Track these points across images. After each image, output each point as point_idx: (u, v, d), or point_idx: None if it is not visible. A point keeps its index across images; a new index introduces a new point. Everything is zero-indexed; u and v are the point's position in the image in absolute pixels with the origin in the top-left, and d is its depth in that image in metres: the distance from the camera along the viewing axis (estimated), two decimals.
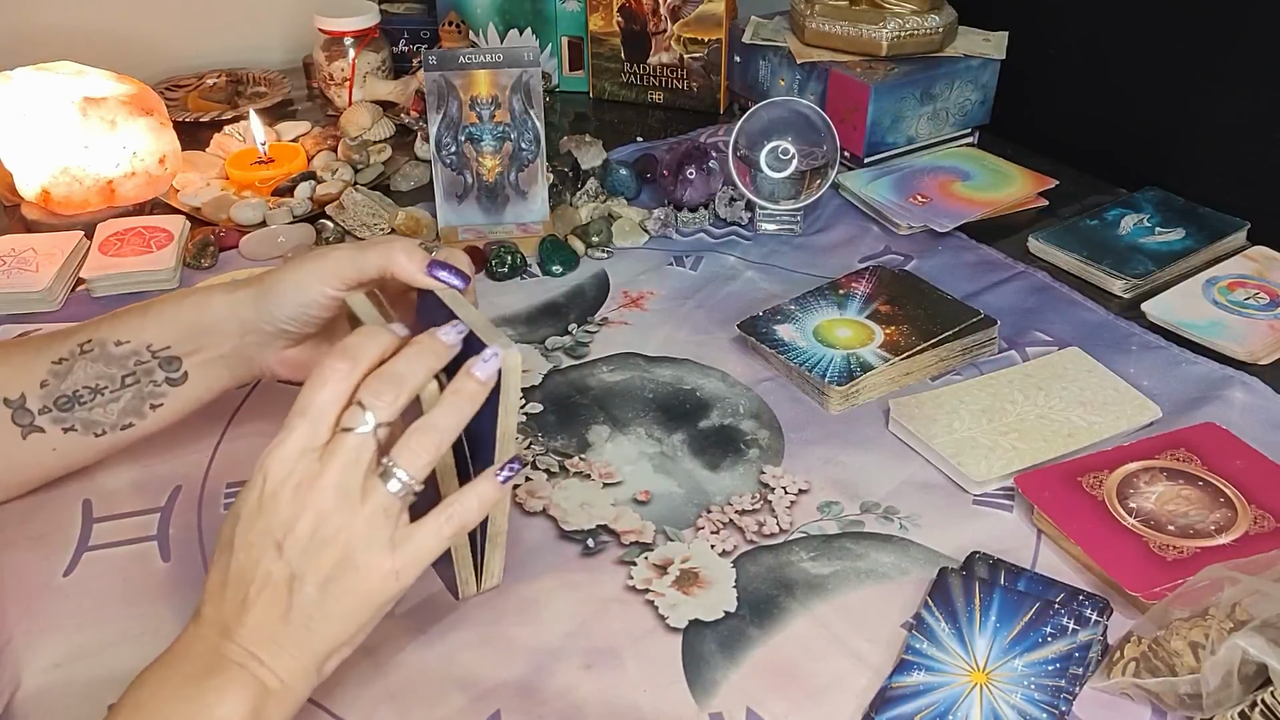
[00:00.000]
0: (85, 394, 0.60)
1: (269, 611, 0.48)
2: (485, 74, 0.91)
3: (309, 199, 0.99)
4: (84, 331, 0.61)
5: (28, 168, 0.95)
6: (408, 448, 0.49)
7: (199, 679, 0.47)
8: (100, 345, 0.60)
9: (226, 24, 1.31)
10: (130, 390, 0.60)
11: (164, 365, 0.60)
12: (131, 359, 0.60)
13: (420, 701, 0.55)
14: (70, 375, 0.60)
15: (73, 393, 0.60)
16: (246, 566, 0.48)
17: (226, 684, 0.46)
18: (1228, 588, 0.54)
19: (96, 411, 0.61)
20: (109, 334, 0.61)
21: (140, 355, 0.60)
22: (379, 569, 0.49)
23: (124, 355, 0.60)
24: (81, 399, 0.60)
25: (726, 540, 0.65)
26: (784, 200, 0.97)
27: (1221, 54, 0.98)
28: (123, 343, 0.60)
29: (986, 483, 0.68)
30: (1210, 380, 0.78)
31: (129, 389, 0.60)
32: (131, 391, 0.61)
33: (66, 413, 0.60)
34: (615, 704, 0.55)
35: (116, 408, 0.61)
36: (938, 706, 0.53)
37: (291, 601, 0.48)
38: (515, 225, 0.96)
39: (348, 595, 0.49)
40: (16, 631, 0.58)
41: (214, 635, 0.48)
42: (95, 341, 0.60)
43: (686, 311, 0.87)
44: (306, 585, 0.48)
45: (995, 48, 1.08)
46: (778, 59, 1.12)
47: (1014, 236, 0.96)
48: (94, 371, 0.60)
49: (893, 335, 0.80)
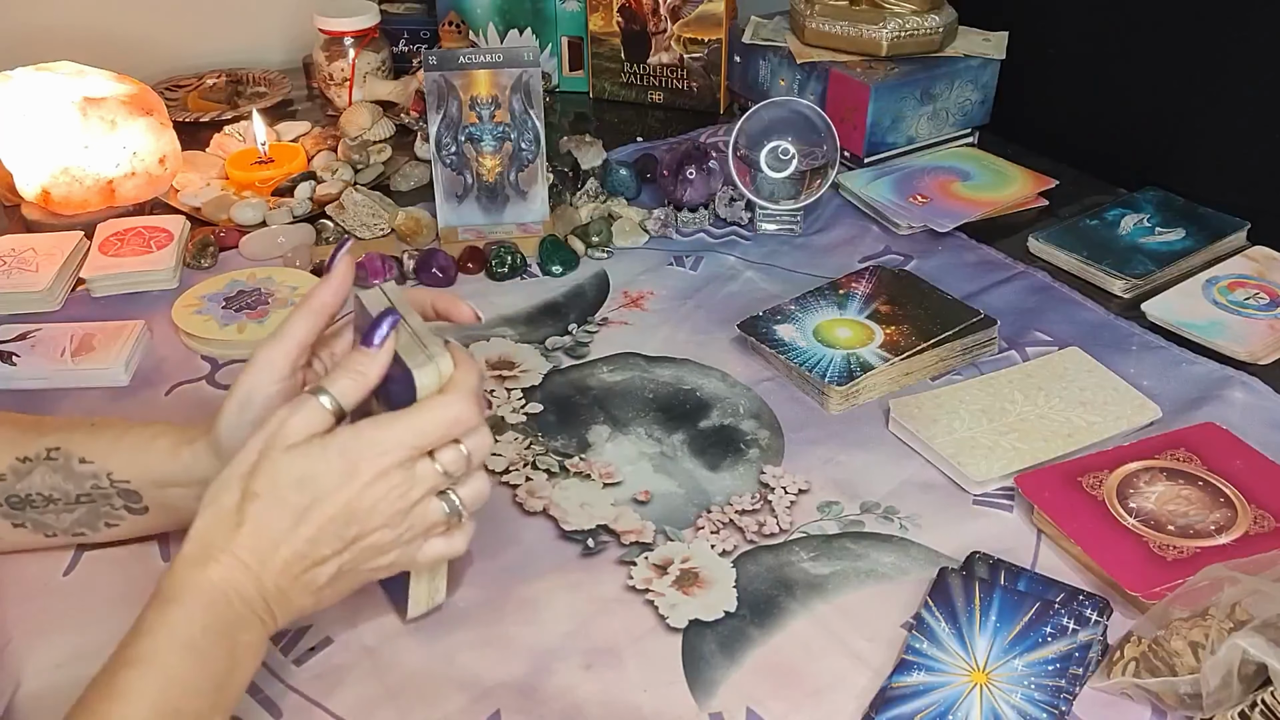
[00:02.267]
0: (39, 500, 0.59)
1: (307, 588, 0.51)
2: (485, 74, 0.91)
3: (309, 199, 0.99)
4: (56, 435, 0.59)
5: (28, 168, 0.95)
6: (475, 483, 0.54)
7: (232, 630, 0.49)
8: (66, 458, 0.58)
9: (226, 24, 1.31)
10: (85, 507, 0.59)
11: (123, 495, 0.59)
12: (89, 481, 0.58)
13: (420, 701, 0.55)
14: (29, 478, 0.58)
15: (26, 495, 0.58)
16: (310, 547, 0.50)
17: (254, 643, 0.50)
18: (1228, 588, 0.54)
19: (49, 517, 0.59)
20: (77, 448, 0.58)
21: (99, 481, 0.58)
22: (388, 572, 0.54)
23: (84, 475, 0.58)
24: (34, 503, 0.59)
25: (726, 540, 0.65)
26: (784, 200, 0.97)
27: (1221, 54, 0.98)
28: (87, 462, 0.58)
29: (986, 483, 0.68)
30: (1210, 380, 0.78)
31: (83, 506, 0.59)
32: (86, 509, 0.59)
33: (18, 511, 0.59)
34: (615, 704, 0.55)
35: (70, 518, 0.60)
36: (938, 706, 0.53)
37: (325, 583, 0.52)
38: (515, 225, 0.96)
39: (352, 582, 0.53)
40: (16, 631, 0.58)
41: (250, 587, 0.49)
42: (63, 452, 0.58)
43: (686, 311, 0.87)
44: (343, 578, 0.52)
45: (995, 48, 1.08)
46: (778, 59, 1.12)
47: (1014, 236, 0.96)
48: (51, 482, 0.58)
49: (893, 335, 0.80)
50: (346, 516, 0.50)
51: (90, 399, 0.76)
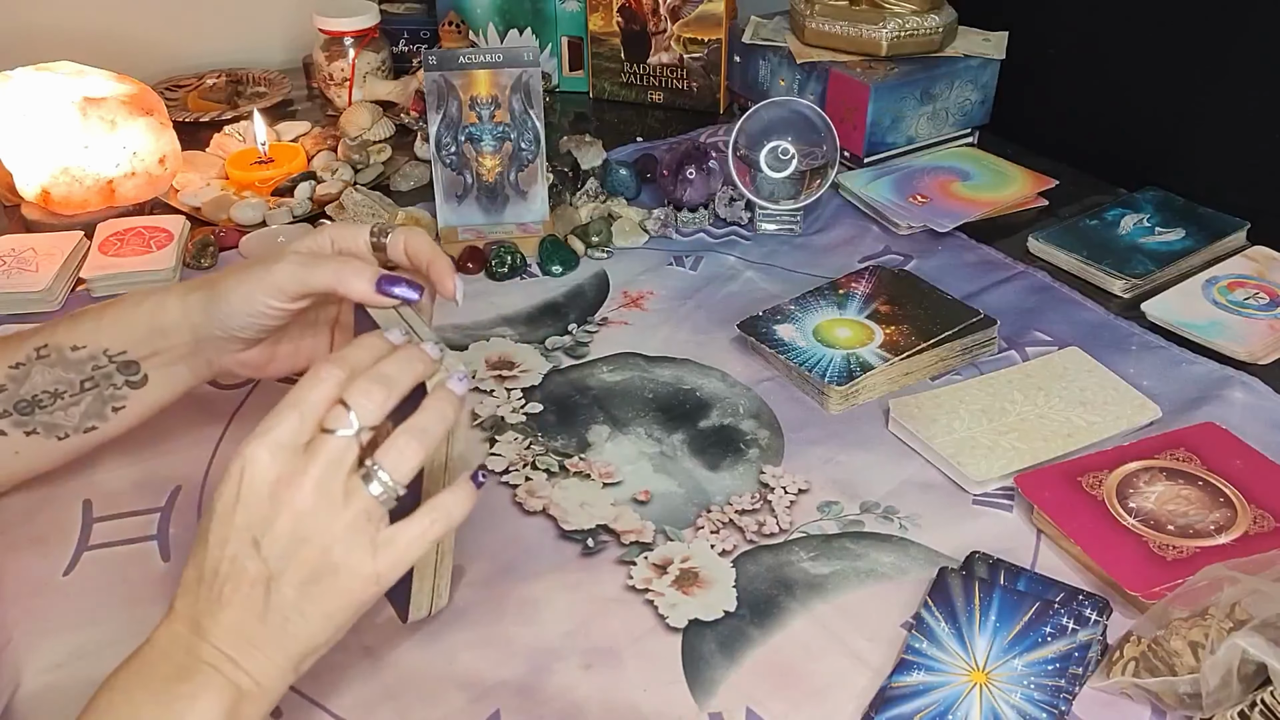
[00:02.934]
0: (45, 398, 0.59)
1: (245, 611, 0.47)
2: (485, 74, 0.91)
3: (309, 199, 0.99)
4: (39, 335, 0.60)
5: (28, 168, 0.95)
6: (394, 449, 0.49)
7: (172, 682, 0.46)
8: (57, 350, 0.59)
9: (226, 24, 1.31)
10: (90, 394, 0.59)
11: (122, 369, 0.59)
12: (89, 364, 0.59)
13: (420, 701, 0.55)
14: (28, 380, 0.59)
15: (32, 397, 0.59)
16: (222, 563, 0.47)
17: (200, 689, 0.46)
18: (1227, 587, 0.54)
19: (58, 415, 0.60)
20: (65, 339, 0.59)
21: (97, 360, 0.59)
22: (360, 572, 0.48)
23: (80, 360, 0.59)
24: (41, 403, 0.59)
25: (726, 540, 0.65)
26: (784, 200, 0.97)
27: (1221, 53, 0.98)
28: (79, 348, 0.59)
29: (986, 483, 0.68)
30: (1210, 380, 0.78)
31: (89, 393, 0.59)
32: (91, 395, 0.60)
33: (27, 416, 0.59)
34: (615, 704, 0.55)
35: (78, 411, 0.60)
36: (937, 706, 0.53)
37: (269, 602, 0.47)
38: (515, 225, 0.96)
39: (326, 597, 0.48)
40: (16, 631, 0.58)
41: (187, 633, 0.47)
42: (52, 346, 0.59)
43: (686, 311, 0.87)
44: (284, 586, 0.47)
45: (995, 48, 1.08)
46: (778, 59, 1.12)
47: (1014, 236, 0.96)
48: (52, 376, 0.59)
49: (893, 335, 0.80)
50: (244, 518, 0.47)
51: None
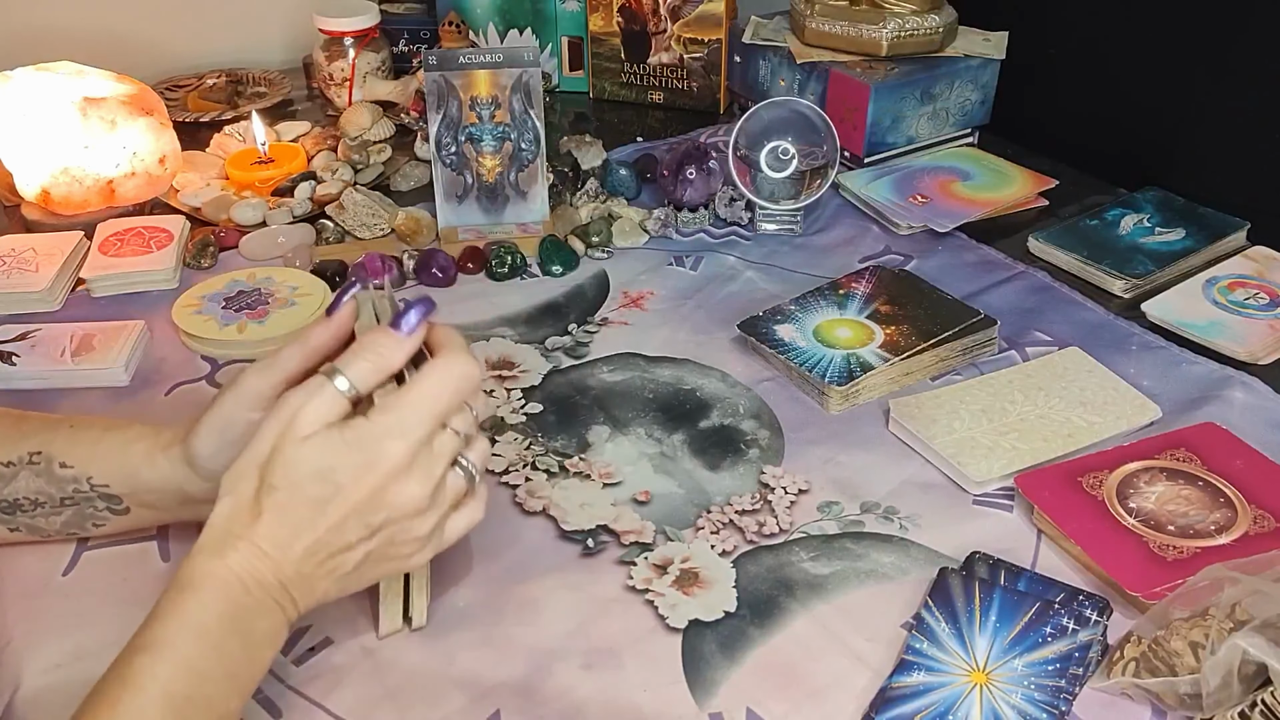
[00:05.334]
0: (26, 504, 0.59)
1: (331, 574, 0.51)
2: (485, 74, 0.91)
3: (309, 199, 0.99)
4: (39, 436, 0.59)
5: (28, 168, 0.95)
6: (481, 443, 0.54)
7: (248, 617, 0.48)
8: (47, 462, 0.58)
9: (226, 24, 1.31)
10: (70, 510, 0.59)
11: (104, 498, 0.59)
12: (71, 485, 0.59)
13: (420, 701, 0.55)
14: (14, 482, 0.59)
15: (14, 500, 0.59)
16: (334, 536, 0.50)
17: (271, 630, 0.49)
18: (1228, 588, 0.54)
19: (39, 520, 0.60)
20: (58, 452, 0.58)
21: (80, 485, 0.59)
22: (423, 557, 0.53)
23: (65, 480, 0.59)
24: (23, 507, 0.59)
25: (726, 540, 0.65)
26: (784, 200, 0.97)
27: (1221, 53, 0.98)
28: (67, 466, 0.58)
29: (986, 483, 0.68)
30: (1210, 380, 0.78)
31: (69, 508, 0.59)
32: (72, 511, 0.59)
33: (9, 516, 0.59)
34: (615, 704, 0.55)
35: (59, 520, 0.60)
36: (938, 706, 0.53)
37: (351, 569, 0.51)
38: (515, 225, 0.96)
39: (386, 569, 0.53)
40: (16, 632, 0.58)
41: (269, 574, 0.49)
42: (44, 456, 0.58)
43: (686, 311, 0.87)
44: (371, 564, 0.52)
45: (995, 48, 1.08)
46: (778, 59, 1.12)
47: (1014, 236, 0.96)
48: (36, 486, 0.59)
49: (893, 335, 0.80)
50: (372, 505, 0.49)
51: (90, 399, 0.76)
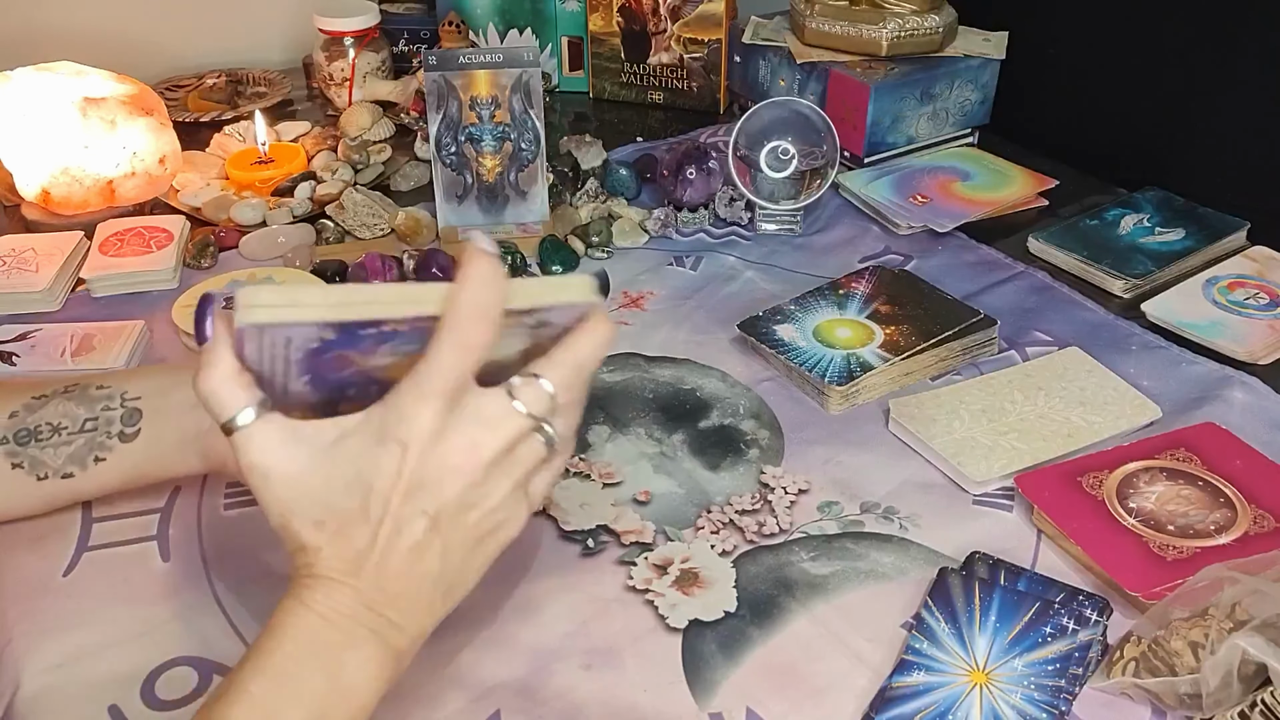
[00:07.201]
0: (45, 430, 0.60)
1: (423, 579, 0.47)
2: (485, 74, 0.91)
3: (309, 199, 0.99)
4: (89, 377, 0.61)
5: (28, 168, 0.95)
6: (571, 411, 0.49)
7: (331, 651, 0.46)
8: (84, 388, 0.60)
9: (226, 24, 1.31)
10: (84, 437, 0.60)
11: (124, 418, 0.60)
12: (101, 403, 0.60)
13: (420, 702, 0.55)
14: (41, 410, 0.60)
15: (34, 427, 0.60)
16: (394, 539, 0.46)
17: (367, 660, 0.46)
18: (1227, 588, 0.54)
19: (47, 451, 0.60)
20: (98, 379, 0.60)
21: (110, 401, 0.60)
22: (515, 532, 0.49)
23: (98, 399, 0.60)
24: (40, 434, 0.60)
25: (726, 540, 0.65)
26: (784, 200, 0.97)
27: (1222, 54, 0.98)
28: (104, 387, 0.60)
29: (986, 483, 0.68)
30: (1210, 380, 0.78)
31: (84, 435, 0.60)
32: (84, 439, 0.60)
33: (21, 447, 0.60)
34: (615, 704, 0.55)
35: (66, 452, 0.60)
36: (938, 706, 0.53)
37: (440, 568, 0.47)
38: (515, 225, 0.96)
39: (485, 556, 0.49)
40: (16, 631, 0.58)
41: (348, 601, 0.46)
42: (81, 384, 0.60)
43: (686, 311, 0.87)
44: (455, 555, 0.47)
45: (995, 48, 1.08)
46: (778, 59, 1.12)
47: (1014, 236, 0.96)
48: (63, 409, 0.60)
49: (893, 335, 0.80)
50: (411, 491, 0.45)
51: None
